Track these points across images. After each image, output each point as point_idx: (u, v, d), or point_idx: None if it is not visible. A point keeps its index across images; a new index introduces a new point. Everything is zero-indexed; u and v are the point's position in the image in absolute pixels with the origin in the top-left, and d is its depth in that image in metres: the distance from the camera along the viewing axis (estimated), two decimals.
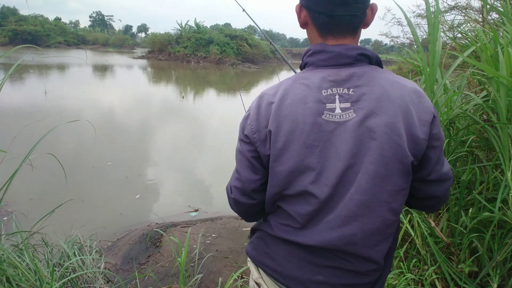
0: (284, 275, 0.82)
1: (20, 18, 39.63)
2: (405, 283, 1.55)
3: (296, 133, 0.76)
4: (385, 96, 0.74)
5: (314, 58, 0.81)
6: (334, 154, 0.74)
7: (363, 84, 0.75)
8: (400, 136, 0.72)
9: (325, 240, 0.76)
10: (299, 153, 0.76)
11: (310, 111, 0.75)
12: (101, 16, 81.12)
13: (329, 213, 0.76)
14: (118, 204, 4.04)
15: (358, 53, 0.78)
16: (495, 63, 1.43)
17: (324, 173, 0.75)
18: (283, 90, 0.80)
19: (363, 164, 0.73)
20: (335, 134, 0.74)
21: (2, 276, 1.36)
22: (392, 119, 0.73)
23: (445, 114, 1.60)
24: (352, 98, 0.75)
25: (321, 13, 0.77)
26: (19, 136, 2.06)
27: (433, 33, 1.53)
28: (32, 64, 16.71)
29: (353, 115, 0.74)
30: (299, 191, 0.77)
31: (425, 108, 0.76)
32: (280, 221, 0.83)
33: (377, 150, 0.73)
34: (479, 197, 1.46)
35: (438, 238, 1.59)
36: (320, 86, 0.76)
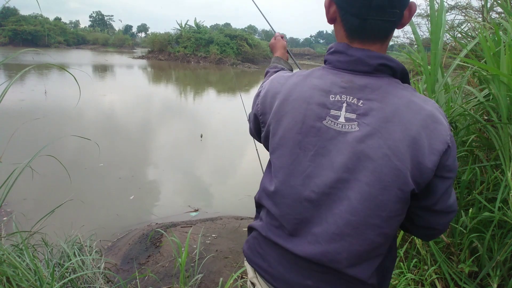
0: (275, 277, 0.81)
1: (20, 18, 39.62)
2: (405, 283, 1.55)
3: (293, 132, 0.75)
4: (395, 117, 0.68)
5: (334, 57, 0.77)
6: (328, 163, 0.71)
7: (375, 99, 0.70)
8: (402, 162, 0.67)
9: (311, 253, 0.73)
10: (292, 152, 0.75)
11: (312, 113, 0.73)
12: (101, 16, 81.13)
13: (318, 225, 0.73)
14: (118, 204, 4.04)
15: (379, 63, 0.72)
16: (497, 61, 1.43)
17: (313, 179, 0.72)
18: (292, 84, 0.79)
19: (357, 183, 0.69)
20: (332, 143, 0.71)
21: (2, 276, 1.36)
22: (397, 143, 0.67)
23: (446, 113, 1.60)
24: (359, 110, 0.70)
25: (353, 14, 0.72)
26: (18, 136, 2.06)
27: (436, 32, 1.53)
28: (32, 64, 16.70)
29: (356, 128, 0.70)
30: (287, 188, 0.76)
31: (440, 136, 0.68)
32: (273, 223, 0.81)
33: (374, 172, 0.68)
34: (479, 197, 1.46)
35: (438, 238, 1.58)
36: (330, 90, 0.73)
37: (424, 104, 0.70)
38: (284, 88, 0.79)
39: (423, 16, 4.01)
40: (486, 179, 1.56)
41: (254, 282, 0.89)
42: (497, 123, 1.44)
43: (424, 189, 0.71)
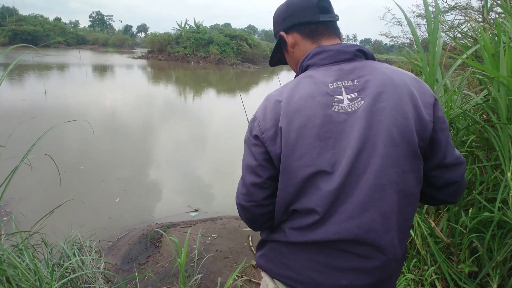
0: (306, 284, 0.79)
1: (20, 18, 39.61)
2: (405, 283, 1.55)
3: (308, 127, 0.76)
4: (389, 81, 0.77)
5: (315, 59, 0.84)
6: (347, 143, 0.75)
7: (366, 74, 0.79)
8: (406, 118, 0.74)
9: (345, 230, 0.74)
10: (314, 146, 0.76)
11: (319, 104, 0.77)
12: (100, 16, 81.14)
13: (344, 202, 0.75)
14: (118, 204, 4.04)
15: (356, 49, 0.83)
16: (496, 63, 1.43)
17: (338, 163, 0.75)
18: (290, 88, 0.82)
19: (374, 148, 0.74)
20: (347, 125, 0.75)
21: (2, 276, 1.36)
22: (398, 101, 0.75)
23: (445, 114, 1.60)
24: (357, 88, 0.78)
25: (308, 23, 0.87)
26: (18, 136, 2.06)
27: (433, 33, 1.53)
28: (32, 64, 16.70)
29: (362, 102, 0.76)
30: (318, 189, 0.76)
31: (427, 92, 0.79)
32: (293, 225, 0.80)
33: (386, 132, 0.74)
34: (479, 197, 1.46)
35: (438, 238, 1.58)
36: (326, 81, 0.79)
37: (404, 71, 0.83)
38: (282, 95, 0.82)
39: (423, 17, 4.01)
40: (486, 179, 1.56)
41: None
42: (496, 123, 1.44)
43: (429, 144, 0.78)
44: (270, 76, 21.85)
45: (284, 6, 0.92)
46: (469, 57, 1.56)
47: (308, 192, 0.77)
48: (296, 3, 0.88)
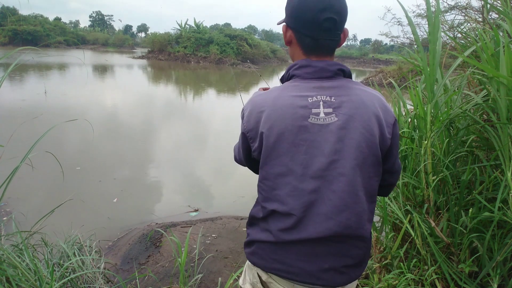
0: (297, 274, 0.93)
1: (20, 18, 39.60)
2: (405, 283, 1.55)
3: (285, 134, 0.89)
4: (361, 104, 0.90)
5: (301, 71, 0.94)
6: (319, 152, 0.88)
7: (343, 94, 0.90)
8: (372, 135, 0.89)
9: (326, 228, 0.88)
10: (289, 150, 0.89)
11: (297, 115, 0.88)
12: (101, 16, 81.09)
13: (321, 204, 0.89)
14: (118, 204, 4.04)
15: (337, 69, 0.94)
16: (496, 63, 1.43)
17: (310, 168, 0.88)
18: (273, 97, 0.93)
19: (346, 160, 0.88)
20: (319, 135, 0.88)
21: (2, 276, 1.36)
22: (367, 121, 0.89)
23: (445, 114, 1.60)
24: (334, 104, 0.89)
25: (307, 36, 0.92)
26: (18, 136, 2.06)
27: (434, 33, 1.53)
28: (32, 64, 16.70)
29: (335, 118, 0.88)
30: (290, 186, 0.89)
31: (390, 113, 0.94)
32: (279, 227, 0.92)
33: (356, 147, 0.88)
34: (479, 197, 1.46)
35: (438, 238, 1.58)
36: (307, 94, 0.90)
37: (373, 92, 0.95)
38: (267, 102, 0.92)
39: (423, 17, 4.01)
40: (486, 179, 1.56)
41: (270, 281, 1.00)
42: (496, 123, 1.44)
43: (385, 154, 0.95)
44: (270, 75, 21.84)
45: (295, 3, 0.92)
46: (469, 56, 1.56)
47: (282, 188, 0.91)
48: (305, 11, 0.90)
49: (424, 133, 1.63)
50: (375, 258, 1.81)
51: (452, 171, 1.63)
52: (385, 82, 2.89)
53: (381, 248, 1.81)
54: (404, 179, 1.75)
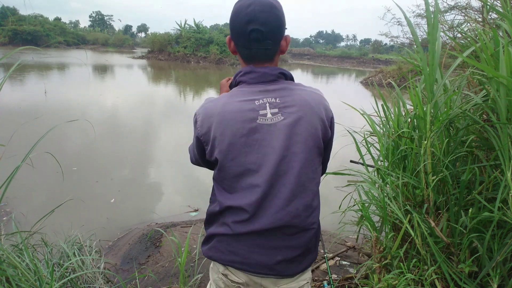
0: (251, 265, 1.01)
1: (20, 18, 39.60)
2: (405, 283, 1.55)
3: (237, 136, 0.96)
4: (304, 103, 1.00)
5: (246, 77, 1.03)
6: (270, 149, 0.96)
7: (286, 95, 1.00)
8: (316, 129, 1.00)
9: (277, 219, 0.97)
10: (242, 151, 0.97)
11: (247, 118, 0.97)
12: (101, 16, 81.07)
13: (274, 197, 0.97)
14: (118, 204, 4.04)
15: (278, 72, 1.03)
16: (495, 63, 1.43)
17: (264, 165, 0.96)
18: (223, 103, 1.00)
19: (295, 155, 0.97)
20: (268, 134, 0.97)
21: (2, 276, 1.36)
22: (311, 118, 0.99)
23: (445, 114, 1.60)
24: (279, 105, 0.98)
25: (241, 46, 1.01)
26: (18, 136, 2.06)
27: (433, 33, 1.53)
28: (32, 64, 16.70)
29: (282, 117, 0.97)
30: (246, 183, 0.98)
31: (328, 110, 1.05)
32: (235, 219, 1.00)
33: (303, 142, 0.98)
34: (479, 197, 1.46)
35: (438, 238, 1.58)
36: (253, 98, 0.99)
37: (314, 90, 1.06)
38: (217, 109, 1.00)
39: (423, 17, 4.01)
40: (485, 179, 1.56)
41: (226, 273, 1.07)
42: (496, 123, 1.44)
43: (326, 145, 1.07)
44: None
45: (231, 15, 1.01)
46: (469, 56, 1.56)
47: (239, 186, 0.99)
48: (235, 24, 0.99)
49: (423, 133, 1.63)
50: (375, 258, 1.81)
51: (452, 171, 1.63)
52: (385, 82, 2.89)
53: (381, 248, 1.81)
54: (404, 179, 1.75)
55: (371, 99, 2.32)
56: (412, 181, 1.73)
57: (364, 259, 2.59)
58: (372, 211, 2.01)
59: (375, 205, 1.96)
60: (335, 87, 19.88)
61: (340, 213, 2.06)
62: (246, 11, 0.95)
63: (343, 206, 2.08)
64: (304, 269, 1.07)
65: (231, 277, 1.07)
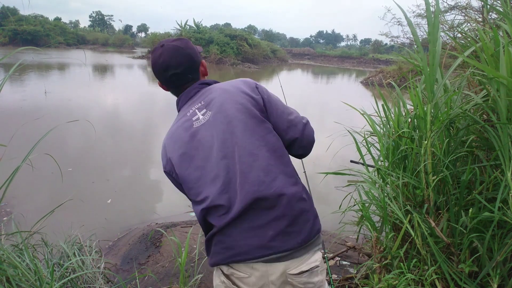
0: (248, 251, 1.02)
1: (20, 18, 39.59)
2: (405, 283, 1.55)
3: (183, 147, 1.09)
4: (223, 91, 1.13)
5: (179, 105, 1.22)
6: (212, 140, 1.06)
7: (208, 94, 1.14)
8: (244, 104, 1.09)
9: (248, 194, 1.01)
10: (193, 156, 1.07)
11: (185, 129, 1.10)
12: (101, 16, 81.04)
13: (234, 178, 1.03)
14: (118, 204, 4.04)
15: (199, 83, 1.19)
16: (496, 63, 1.43)
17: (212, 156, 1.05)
18: (168, 133, 1.17)
19: (233, 134, 1.05)
20: (205, 131, 1.07)
21: (2, 276, 1.36)
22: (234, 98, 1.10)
23: (445, 114, 1.60)
24: (205, 105, 1.12)
25: (170, 87, 1.23)
26: (18, 136, 2.06)
27: (433, 33, 1.52)
28: (32, 64, 16.70)
29: (210, 112, 1.10)
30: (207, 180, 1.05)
31: (250, 83, 1.17)
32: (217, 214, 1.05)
33: (235, 119, 1.07)
34: (479, 197, 1.46)
35: (438, 238, 1.58)
36: (185, 113, 1.15)
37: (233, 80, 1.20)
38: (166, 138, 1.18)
39: (423, 17, 4.01)
40: (486, 179, 1.56)
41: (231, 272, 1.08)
42: (496, 123, 1.44)
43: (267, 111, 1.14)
44: (271, 75, 21.80)
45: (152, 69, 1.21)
46: (469, 56, 1.56)
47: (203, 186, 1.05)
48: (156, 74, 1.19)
49: (424, 133, 1.63)
50: (375, 258, 1.81)
51: (452, 171, 1.62)
52: (385, 82, 2.89)
53: (381, 248, 1.81)
54: (404, 179, 1.75)
55: (371, 99, 2.32)
56: (412, 181, 1.73)
57: (364, 259, 2.59)
58: (372, 211, 2.01)
59: (375, 205, 1.96)
60: (335, 87, 19.87)
61: (340, 213, 2.05)
62: (159, 62, 1.15)
63: (343, 206, 2.08)
64: (305, 240, 1.04)
65: (237, 275, 1.06)
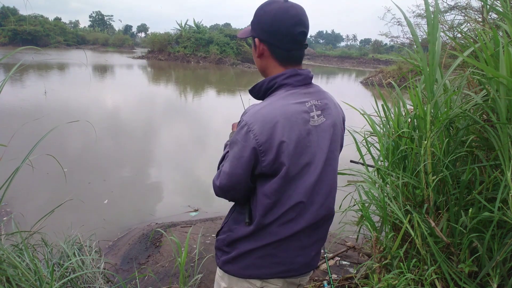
0: (296, 269, 1.04)
1: (20, 18, 39.59)
2: (405, 283, 1.55)
3: (300, 138, 0.97)
4: (334, 105, 1.09)
5: (291, 79, 1.02)
6: (319, 149, 1.01)
7: (323, 98, 1.06)
8: (342, 130, 1.12)
9: (318, 215, 1.03)
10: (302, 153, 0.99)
11: (304, 120, 0.99)
12: (101, 16, 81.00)
13: (318, 195, 1.02)
14: (118, 204, 4.04)
15: (312, 76, 1.08)
16: (495, 63, 1.43)
17: (314, 164, 1.01)
18: (281, 106, 0.97)
19: (333, 154, 1.05)
20: (317, 135, 1.01)
21: (2, 276, 1.36)
22: (339, 119, 1.10)
23: (445, 114, 1.60)
24: (321, 107, 1.03)
25: (281, 48, 1.01)
26: (18, 136, 2.06)
27: (433, 33, 1.53)
28: (32, 64, 16.69)
29: (324, 119, 1.03)
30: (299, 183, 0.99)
31: (342, 112, 1.15)
32: (281, 221, 0.99)
33: (337, 141, 1.08)
34: (479, 197, 1.46)
35: (438, 238, 1.58)
36: (303, 100, 1.01)
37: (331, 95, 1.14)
38: (277, 112, 0.96)
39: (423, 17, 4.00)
40: (485, 179, 1.56)
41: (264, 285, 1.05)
42: (496, 123, 1.44)
43: None
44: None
45: (269, 18, 0.99)
46: (469, 56, 1.56)
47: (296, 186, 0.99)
48: (279, 26, 0.98)
49: (424, 133, 1.63)
50: (375, 258, 1.81)
51: (452, 171, 1.63)
52: (385, 82, 2.89)
53: (381, 248, 1.81)
54: (404, 179, 1.75)
55: (371, 99, 2.32)
56: (412, 181, 1.73)
57: (364, 259, 2.59)
58: (372, 211, 2.01)
59: (375, 205, 1.96)
60: (335, 87, 19.87)
61: (340, 213, 2.05)
62: (291, 14, 0.97)
63: (343, 206, 2.08)
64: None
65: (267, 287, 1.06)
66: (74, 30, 57.00)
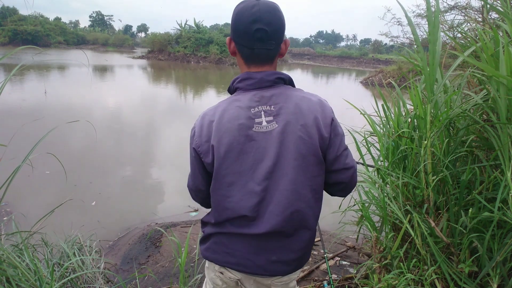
0: (247, 266, 1.04)
1: (20, 18, 39.60)
2: (405, 283, 1.55)
3: (234, 145, 0.98)
4: (298, 110, 0.99)
5: (243, 83, 1.03)
6: (265, 156, 0.98)
7: (281, 101, 1.00)
8: (312, 138, 0.98)
9: (275, 225, 0.99)
10: (238, 159, 0.98)
11: (243, 126, 0.98)
12: (101, 16, 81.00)
13: (270, 203, 0.99)
14: (118, 204, 4.04)
15: (275, 77, 1.02)
16: (496, 63, 1.43)
17: (258, 172, 0.98)
18: (221, 111, 1.01)
19: (287, 161, 0.97)
20: (264, 141, 0.98)
21: (2, 276, 1.36)
22: (305, 126, 0.98)
23: (445, 114, 1.60)
24: (273, 113, 0.99)
25: (245, 46, 1.00)
26: (18, 136, 2.06)
27: (433, 33, 1.52)
28: (32, 65, 16.69)
29: (276, 125, 0.98)
30: (242, 190, 0.99)
31: (327, 114, 1.02)
32: (235, 220, 1.02)
33: (295, 149, 0.98)
34: (479, 197, 1.46)
35: (438, 238, 1.58)
36: (249, 106, 0.99)
37: (311, 97, 1.03)
38: (215, 115, 1.01)
39: (423, 16, 4.00)
40: (485, 179, 1.56)
41: (222, 271, 1.11)
42: (496, 123, 1.44)
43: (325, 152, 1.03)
44: None
45: (233, 17, 1.01)
46: (469, 56, 1.56)
47: (235, 194, 1.00)
48: (239, 23, 0.99)
49: (424, 133, 1.63)
50: (375, 258, 1.81)
51: (452, 171, 1.62)
52: (385, 82, 2.89)
53: (381, 248, 1.81)
54: (404, 179, 1.75)
55: (371, 99, 2.32)
56: (412, 181, 1.73)
57: (364, 259, 2.59)
58: (372, 211, 2.01)
59: (375, 205, 1.96)
60: (335, 87, 19.87)
61: (340, 213, 2.05)
62: (251, 11, 0.96)
63: (343, 206, 2.08)
64: (296, 269, 1.11)
65: (226, 274, 1.12)
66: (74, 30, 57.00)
